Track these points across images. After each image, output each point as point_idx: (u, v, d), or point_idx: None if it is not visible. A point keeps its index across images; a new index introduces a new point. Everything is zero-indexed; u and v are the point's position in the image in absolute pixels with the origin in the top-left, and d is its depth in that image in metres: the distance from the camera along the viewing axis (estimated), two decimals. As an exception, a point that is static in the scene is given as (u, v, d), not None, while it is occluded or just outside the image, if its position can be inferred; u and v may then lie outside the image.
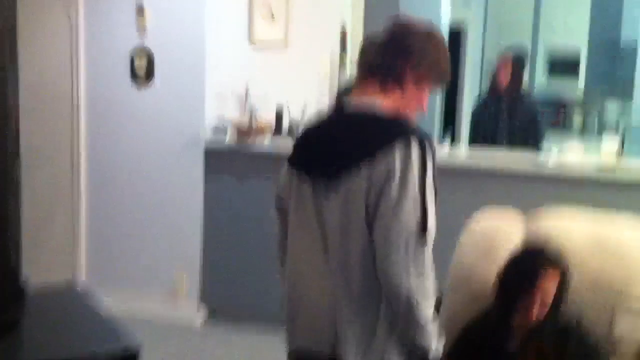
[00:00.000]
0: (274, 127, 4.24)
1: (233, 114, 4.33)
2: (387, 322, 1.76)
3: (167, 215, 4.40)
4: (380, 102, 1.81)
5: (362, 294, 1.75)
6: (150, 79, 4.32)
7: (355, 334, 1.76)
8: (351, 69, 5.35)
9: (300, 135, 1.98)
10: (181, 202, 4.37)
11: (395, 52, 1.82)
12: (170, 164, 4.35)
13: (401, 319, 1.74)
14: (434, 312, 1.76)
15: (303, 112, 4.26)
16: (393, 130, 1.75)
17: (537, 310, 2.06)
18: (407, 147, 1.70)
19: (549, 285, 2.07)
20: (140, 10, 4.26)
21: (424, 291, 1.71)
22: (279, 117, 4.26)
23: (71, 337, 2.37)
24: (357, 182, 1.73)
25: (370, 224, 1.72)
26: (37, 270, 2.90)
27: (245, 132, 4.17)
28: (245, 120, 4.22)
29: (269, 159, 4.19)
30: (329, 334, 1.78)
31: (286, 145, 4.06)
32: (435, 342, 1.77)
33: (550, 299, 2.07)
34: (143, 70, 4.32)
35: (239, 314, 4.37)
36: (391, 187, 1.69)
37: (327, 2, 4.54)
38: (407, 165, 1.69)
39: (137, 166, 4.41)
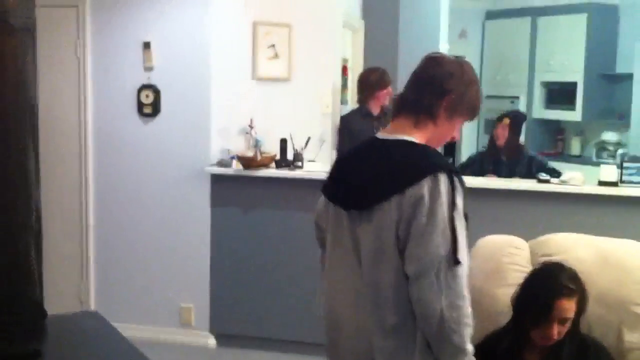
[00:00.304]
0: (278, 159, 4.31)
1: (238, 146, 4.41)
2: (423, 348, 1.78)
3: (174, 246, 4.45)
4: (413, 136, 1.86)
5: (396, 321, 1.78)
6: (157, 114, 4.41)
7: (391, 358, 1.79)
8: (351, 101, 5.46)
9: (333, 166, 2.05)
10: (188, 232, 4.43)
11: (428, 88, 1.86)
12: (176, 196, 4.42)
13: (434, 345, 1.76)
14: (470, 344, 1.76)
15: (306, 143, 4.34)
16: (423, 165, 1.78)
17: (557, 331, 2.06)
18: (436, 181, 1.74)
19: (569, 308, 2.07)
20: (146, 47, 4.36)
21: (458, 318, 1.72)
22: (283, 149, 4.33)
23: None
24: (388, 214, 1.76)
25: (402, 252, 1.77)
26: (47, 301, 2.94)
27: (250, 164, 4.24)
28: (249, 152, 4.29)
29: (274, 187, 4.28)
30: (366, 357, 1.83)
31: (291, 174, 4.20)
32: None
33: (570, 319, 2.08)
34: (149, 105, 4.41)
35: (248, 340, 4.40)
36: (420, 218, 1.73)
37: (328, 38, 4.64)
38: (435, 198, 1.73)
39: (144, 198, 4.47)
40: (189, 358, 4.31)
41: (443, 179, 1.74)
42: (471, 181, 3.98)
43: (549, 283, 2.11)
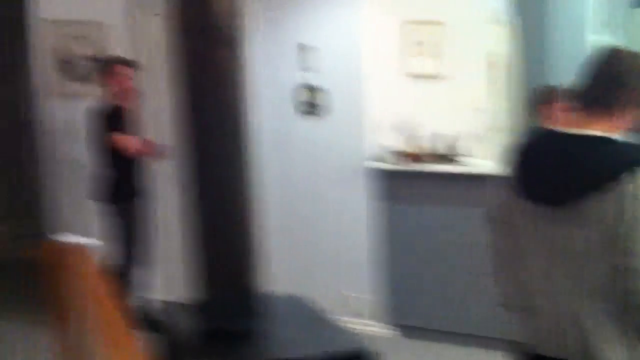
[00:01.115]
0: (435, 154, 4.46)
1: (395, 142, 4.59)
2: (636, 339, 1.84)
3: (336, 238, 4.71)
4: (601, 130, 1.87)
5: (608, 312, 1.84)
6: (314, 111, 4.66)
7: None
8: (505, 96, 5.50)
9: (517, 159, 2.03)
10: (348, 225, 4.67)
11: (612, 82, 1.89)
12: (336, 190, 4.67)
13: None
14: None
15: (459, 139, 4.48)
16: (618, 158, 1.80)
17: None
18: (636, 174, 1.75)
19: None
20: (303, 49, 4.62)
21: None
22: (439, 145, 4.48)
23: (305, 339, 2.67)
24: (598, 208, 1.78)
25: (612, 246, 1.80)
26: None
27: (408, 159, 4.42)
28: (407, 148, 4.47)
29: (429, 181, 4.43)
30: (575, 343, 1.90)
31: (449, 169, 4.33)
32: None
33: None
34: (308, 104, 4.67)
35: (427, 332, 4.54)
36: (625, 214, 1.75)
37: (478, 34, 4.72)
38: (638, 192, 1.74)
39: (305, 193, 4.76)
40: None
41: None
42: None
43: None
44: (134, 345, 2.01)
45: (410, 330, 4.61)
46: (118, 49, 5.02)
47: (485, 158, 4.62)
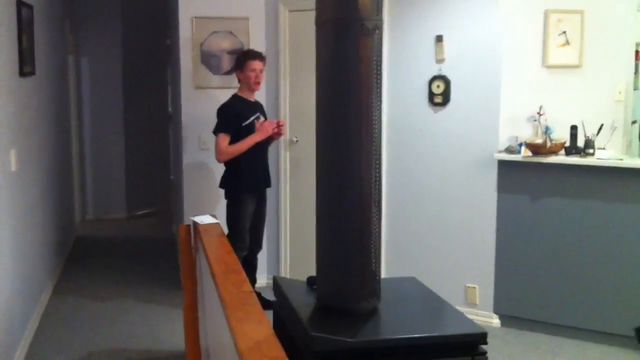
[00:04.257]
0: (568, 146, 4.34)
1: (526, 134, 4.51)
2: None
3: (460, 229, 4.70)
4: None
5: None
6: (447, 103, 4.67)
7: None
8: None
9: None
10: (474, 216, 4.64)
11: None
12: (464, 181, 4.66)
13: None
14: None
15: (598, 131, 4.32)
16: None
17: None
18: None
19: None
20: (438, 41, 4.65)
21: None
22: (573, 136, 4.34)
23: (424, 320, 2.75)
24: None
25: None
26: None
27: (538, 150, 4.33)
28: (538, 139, 4.37)
29: (563, 174, 4.32)
30: None
31: (581, 161, 4.20)
32: None
33: None
34: (440, 95, 4.69)
35: (531, 323, 4.54)
36: None
37: (621, 23, 4.52)
38: None
39: (434, 183, 4.78)
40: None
41: None
42: None
43: None
44: (261, 314, 2.13)
45: (512, 319, 4.62)
46: (256, 43, 5.27)
47: (620, 151, 4.43)
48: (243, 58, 4.70)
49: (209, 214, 3.70)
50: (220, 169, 4.78)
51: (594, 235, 4.29)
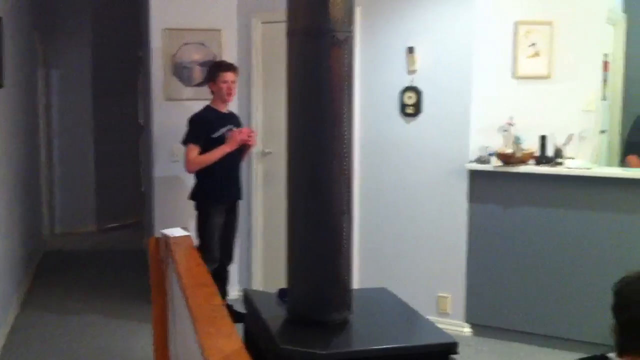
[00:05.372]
0: (538, 155, 4.38)
1: (497, 143, 4.54)
2: None
3: (433, 239, 4.71)
4: None
5: None
6: (418, 114, 4.69)
7: None
8: (612, 98, 5.31)
9: None
10: (446, 226, 4.65)
11: None
12: (435, 190, 4.67)
13: None
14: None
15: (567, 141, 4.36)
16: None
17: None
18: None
19: None
20: (410, 52, 4.66)
21: None
22: (542, 146, 4.38)
23: (395, 331, 2.74)
24: None
25: None
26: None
27: (509, 160, 4.36)
28: (509, 149, 4.40)
29: (533, 183, 4.35)
30: None
31: (551, 170, 4.24)
32: None
33: None
34: (412, 106, 4.70)
35: (502, 332, 4.54)
36: None
37: (590, 35, 4.58)
38: None
39: (405, 192, 4.78)
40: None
41: None
42: None
43: None
44: (225, 333, 2.09)
45: (484, 329, 4.62)
46: (228, 54, 5.24)
47: (590, 160, 4.48)
48: (215, 70, 4.67)
49: (180, 227, 3.65)
50: (191, 181, 4.74)
51: (564, 243, 4.33)
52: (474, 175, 4.54)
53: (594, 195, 4.24)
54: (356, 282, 4.89)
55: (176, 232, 3.48)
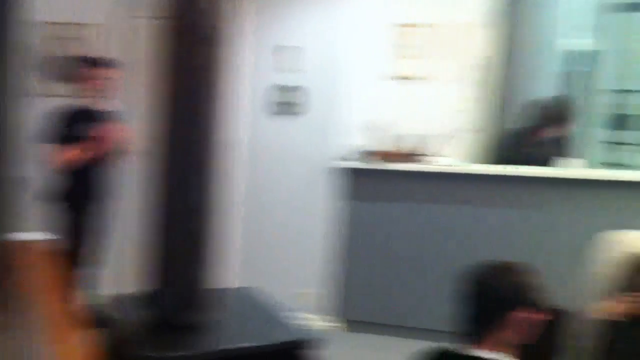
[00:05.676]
0: (410, 153, 4.49)
1: (372, 143, 4.62)
2: None
3: (308, 236, 4.77)
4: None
5: None
6: (290, 113, 4.70)
7: None
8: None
9: None
10: (320, 223, 4.73)
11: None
12: (309, 189, 4.74)
13: None
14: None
15: (443, 140, 4.50)
16: None
17: None
18: None
19: None
20: (281, 51, 4.65)
21: None
22: (419, 144, 4.50)
23: (248, 331, 2.73)
24: None
25: None
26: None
27: (385, 158, 4.45)
28: (383, 147, 4.49)
29: (407, 180, 4.47)
30: None
31: (421, 167, 4.35)
32: None
33: None
34: (283, 105, 4.70)
35: (377, 327, 4.66)
36: None
37: (467, 37, 4.74)
38: None
39: (280, 191, 4.82)
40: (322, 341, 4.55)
41: None
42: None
43: None
44: (75, 340, 2.04)
45: (359, 324, 4.73)
46: (101, 49, 5.08)
47: (455, 157, 4.65)
48: (87, 65, 4.52)
49: (39, 230, 3.52)
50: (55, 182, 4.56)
51: (437, 238, 4.46)
52: (349, 173, 4.62)
53: (460, 190, 4.40)
54: (238, 283, 4.88)
55: (34, 235, 3.36)
